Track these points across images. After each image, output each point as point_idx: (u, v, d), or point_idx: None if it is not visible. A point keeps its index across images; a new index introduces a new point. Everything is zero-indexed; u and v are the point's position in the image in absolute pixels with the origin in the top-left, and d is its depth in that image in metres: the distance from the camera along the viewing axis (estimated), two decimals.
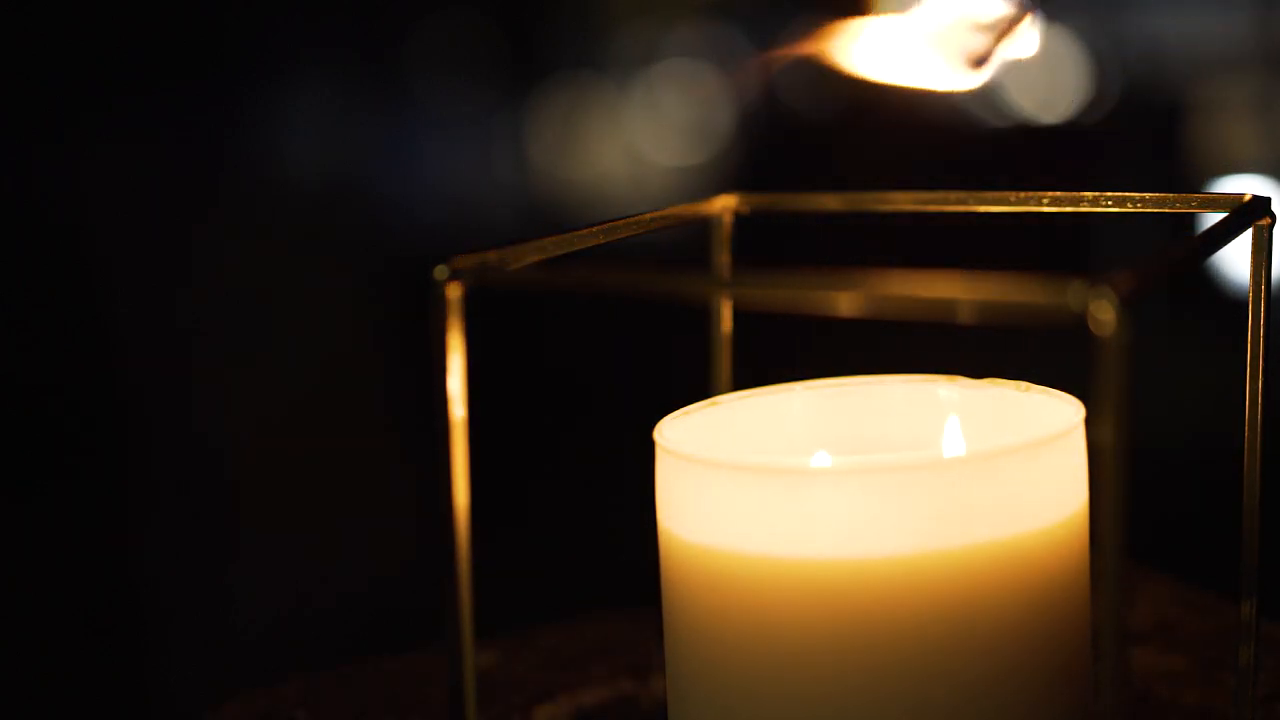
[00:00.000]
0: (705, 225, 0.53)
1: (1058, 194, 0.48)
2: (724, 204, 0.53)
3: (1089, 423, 0.43)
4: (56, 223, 1.83)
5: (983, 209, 0.50)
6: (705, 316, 0.54)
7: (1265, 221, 0.45)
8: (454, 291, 0.39)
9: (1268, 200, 0.45)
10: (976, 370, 0.49)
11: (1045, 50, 2.19)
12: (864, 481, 0.40)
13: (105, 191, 1.85)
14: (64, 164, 1.86)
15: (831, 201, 0.52)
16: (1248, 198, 0.45)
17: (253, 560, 1.65)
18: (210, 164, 2.01)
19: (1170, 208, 0.47)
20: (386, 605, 1.46)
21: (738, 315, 0.54)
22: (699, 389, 0.52)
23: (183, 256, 1.90)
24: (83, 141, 1.87)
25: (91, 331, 1.83)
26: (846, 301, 0.35)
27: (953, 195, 0.50)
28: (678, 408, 0.47)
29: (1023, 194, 0.49)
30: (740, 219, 0.53)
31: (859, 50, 0.51)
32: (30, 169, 1.83)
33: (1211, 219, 0.43)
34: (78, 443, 1.73)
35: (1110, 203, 0.47)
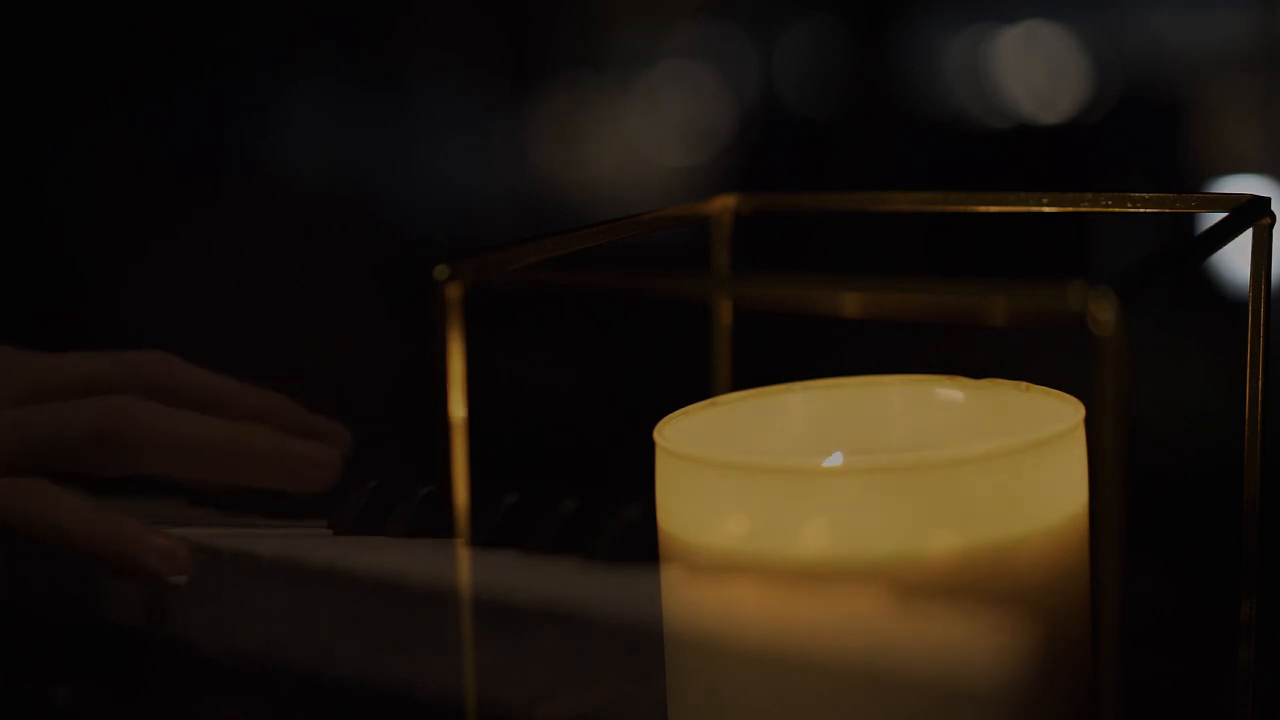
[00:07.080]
0: (705, 225, 0.53)
1: (1058, 194, 0.48)
2: (724, 204, 0.53)
3: (1089, 423, 0.43)
4: (54, 222, 1.83)
5: (982, 209, 0.50)
6: (705, 316, 0.54)
7: (1265, 221, 0.45)
8: (454, 291, 0.39)
9: (1268, 200, 0.45)
10: (976, 370, 0.49)
11: (1045, 50, 2.19)
12: (864, 481, 0.40)
13: (104, 191, 1.85)
14: (63, 163, 1.86)
15: (831, 201, 0.52)
16: (1248, 198, 0.45)
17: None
18: (209, 164, 2.01)
19: (1170, 208, 0.47)
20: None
21: (738, 315, 0.54)
22: (699, 389, 0.52)
23: (181, 257, 1.90)
24: (82, 141, 1.87)
25: (87, 332, 1.82)
26: (846, 302, 0.35)
27: (953, 195, 0.50)
28: (678, 408, 0.47)
29: (1023, 194, 0.49)
30: (740, 219, 0.53)
31: None
32: (29, 169, 1.82)
33: (1211, 219, 0.43)
34: None
35: (1110, 203, 0.47)
